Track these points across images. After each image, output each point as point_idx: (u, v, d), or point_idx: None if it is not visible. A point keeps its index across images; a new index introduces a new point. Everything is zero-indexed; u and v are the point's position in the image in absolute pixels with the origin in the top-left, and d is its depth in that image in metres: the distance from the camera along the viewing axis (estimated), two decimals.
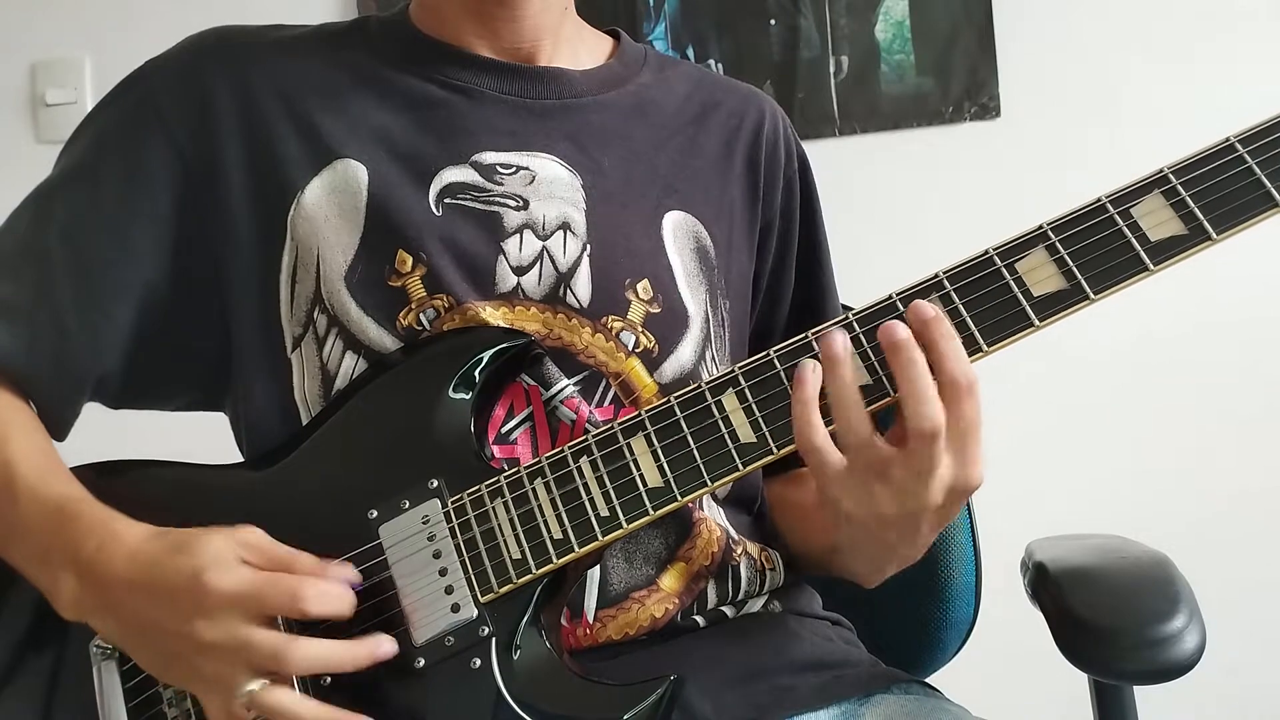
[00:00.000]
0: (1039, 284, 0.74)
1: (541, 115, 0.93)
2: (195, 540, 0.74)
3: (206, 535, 0.74)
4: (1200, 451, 1.78)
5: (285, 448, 0.86)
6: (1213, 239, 0.72)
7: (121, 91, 0.94)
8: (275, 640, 0.71)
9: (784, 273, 1.03)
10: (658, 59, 1.04)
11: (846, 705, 0.86)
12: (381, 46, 0.95)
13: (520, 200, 0.89)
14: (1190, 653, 0.86)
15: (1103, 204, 0.74)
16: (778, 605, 0.92)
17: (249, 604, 0.72)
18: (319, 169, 0.89)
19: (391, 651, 0.74)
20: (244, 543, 0.74)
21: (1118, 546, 1.01)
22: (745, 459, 0.76)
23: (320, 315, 0.87)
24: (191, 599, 0.72)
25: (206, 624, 0.72)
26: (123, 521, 0.78)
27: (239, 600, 0.71)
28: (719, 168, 0.98)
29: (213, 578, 0.72)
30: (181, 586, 0.72)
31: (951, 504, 0.75)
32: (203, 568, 0.72)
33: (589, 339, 0.87)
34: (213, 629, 0.71)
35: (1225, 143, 0.74)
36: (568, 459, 0.79)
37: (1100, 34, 1.80)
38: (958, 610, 1.13)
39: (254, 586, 0.72)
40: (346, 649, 0.73)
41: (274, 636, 0.72)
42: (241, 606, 0.71)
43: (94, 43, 1.96)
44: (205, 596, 0.71)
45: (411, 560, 0.78)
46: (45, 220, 0.90)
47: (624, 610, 0.84)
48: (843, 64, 1.84)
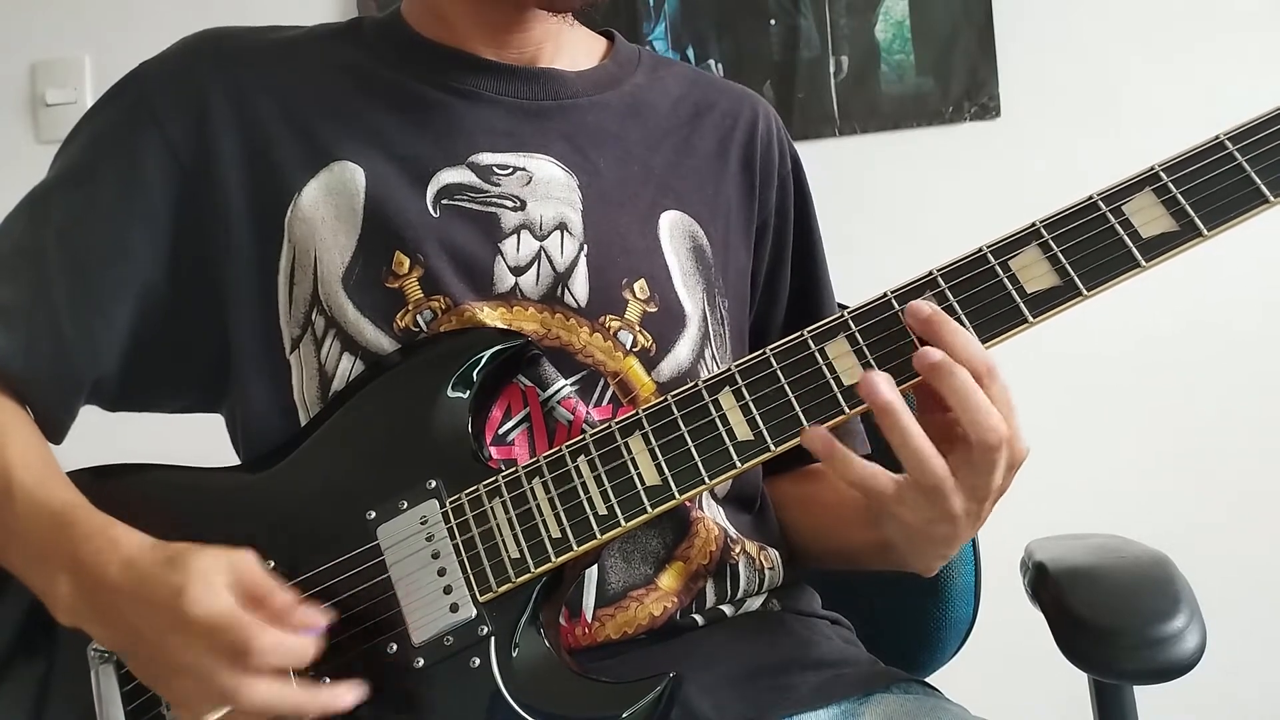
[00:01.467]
0: (1032, 281, 0.74)
1: (538, 116, 0.93)
2: (186, 556, 0.73)
3: (198, 553, 0.73)
4: (1200, 451, 1.77)
5: (283, 449, 0.86)
6: (1204, 235, 0.73)
7: (117, 93, 0.94)
8: (231, 679, 0.70)
9: (780, 271, 1.03)
10: (652, 59, 1.04)
11: (846, 704, 0.86)
12: (377, 47, 0.96)
13: (517, 201, 0.89)
14: (1191, 652, 0.86)
15: (1094, 201, 0.75)
16: (777, 604, 0.92)
17: (207, 636, 0.71)
18: (316, 170, 0.89)
19: (353, 702, 0.74)
20: (233, 565, 0.73)
21: (1118, 546, 1.01)
22: (743, 456, 0.76)
23: (318, 317, 0.87)
24: (170, 615, 0.71)
25: (179, 642, 0.71)
26: (120, 528, 0.78)
27: (201, 629, 0.71)
28: (714, 168, 0.98)
29: (192, 598, 0.71)
30: (163, 602, 0.72)
31: (1008, 480, 0.76)
32: (184, 587, 0.71)
33: (587, 339, 0.87)
34: (183, 650, 0.71)
35: (1215, 140, 0.74)
36: (565, 458, 0.79)
37: (1100, 34, 1.80)
38: (957, 610, 1.13)
39: (216, 622, 0.71)
40: (300, 696, 0.72)
41: (230, 675, 0.70)
42: (202, 636, 0.71)
43: (94, 43, 1.96)
44: (180, 615, 0.71)
45: (410, 560, 0.78)
46: (41, 222, 0.90)
47: (622, 609, 0.84)
48: (843, 64, 1.84)
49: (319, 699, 0.73)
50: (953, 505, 0.74)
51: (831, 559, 0.98)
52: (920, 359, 0.73)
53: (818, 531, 0.98)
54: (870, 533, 0.84)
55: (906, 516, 0.76)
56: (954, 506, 0.74)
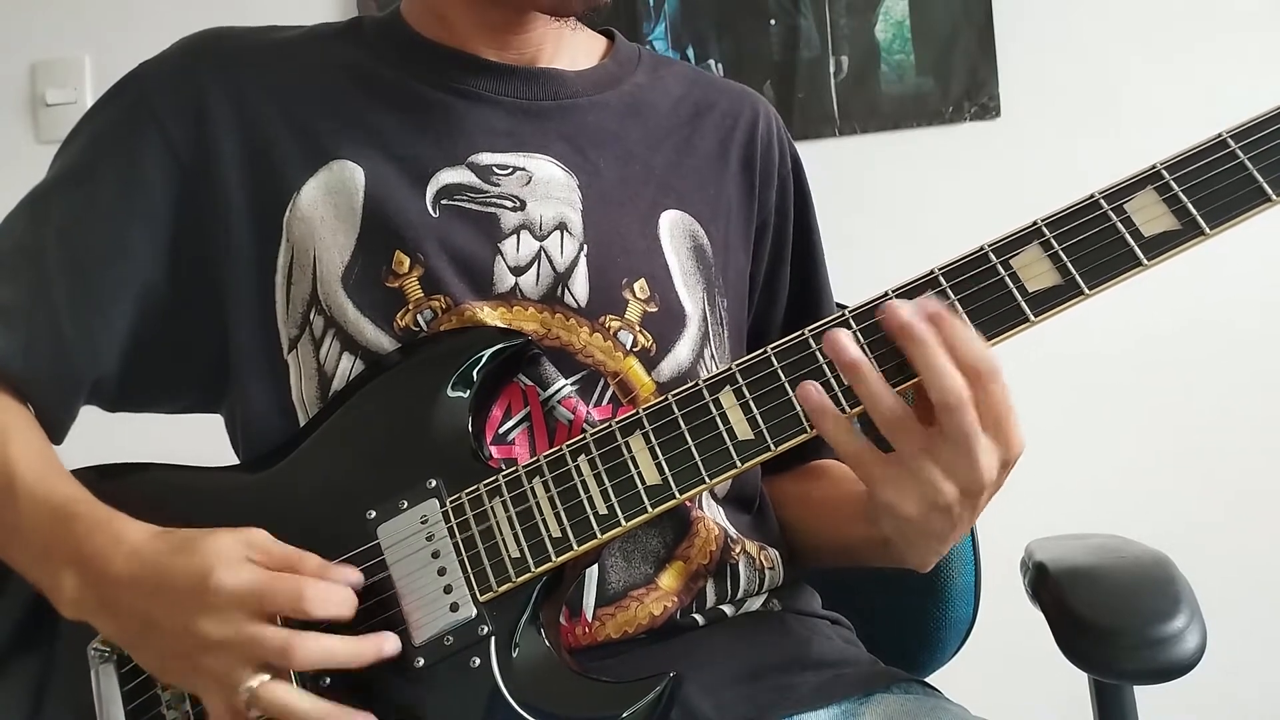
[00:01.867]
0: (1034, 280, 0.74)
1: (537, 116, 0.93)
2: (201, 540, 0.74)
3: (213, 535, 0.75)
4: (1200, 451, 1.77)
5: (283, 449, 0.86)
6: (1206, 234, 0.73)
7: (116, 93, 0.94)
8: (281, 635, 0.72)
9: (780, 271, 1.03)
10: (652, 59, 1.04)
11: (847, 704, 0.86)
12: (378, 47, 0.95)
13: (517, 201, 0.89)
14: (1191, 652, 0.86)
15: (1096, 200, 0.75)
16: (777, 604, 0.92)
17: (254, 602, 0.72)
18: (315, 169, 0.89)
19: (396, 649, 0.75)
20: (250, 542, 0.75)
21: (1118, 546, 1.01)
22: (743, 456, 0.76)
23: (317, 316, 0.87)
24: (197, 597, 0.72)
25: (212, 621, 0.72)
26: (123, 520, 0.78)
27: (245, 598, 0.72)
28: (715, 167, 0.98)
29: (220, 576, 0.72)
30: (188, 586, 0.73)
31: (1002, 476, 0.75)
32: (211, 566, 0.72)
33: (587, 338, 0.87)
34: (219, 626, 0.72)
35: (1217, 138, 0.74)
36: (566, 458, 0.79)
37: (1100, 34, 1.80)
38: (957, 610, 1.13)
39: (260, 585, 0.72)
40: (352, 645, 0.74)
41: (280, 632, 0.72)
42: (247, 605, 0.72)
43: (94, 43, 1.96)
44: (213, 594, 0.72)
45: (410, 560, 0.78)
46: (42, 222, 0.90)
47: (622, 609, 0.84)
48: (843, 64, 1.84)
49: (368, 645, 0.74)
50: (942, 492, 0.74)
51: (831, 556, 0.98)
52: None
53: (817, 528, 0.98)
54: (867, 528, 0.84)
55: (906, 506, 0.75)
56: (944, 494, 0.74)
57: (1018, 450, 0.74)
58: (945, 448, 0.73)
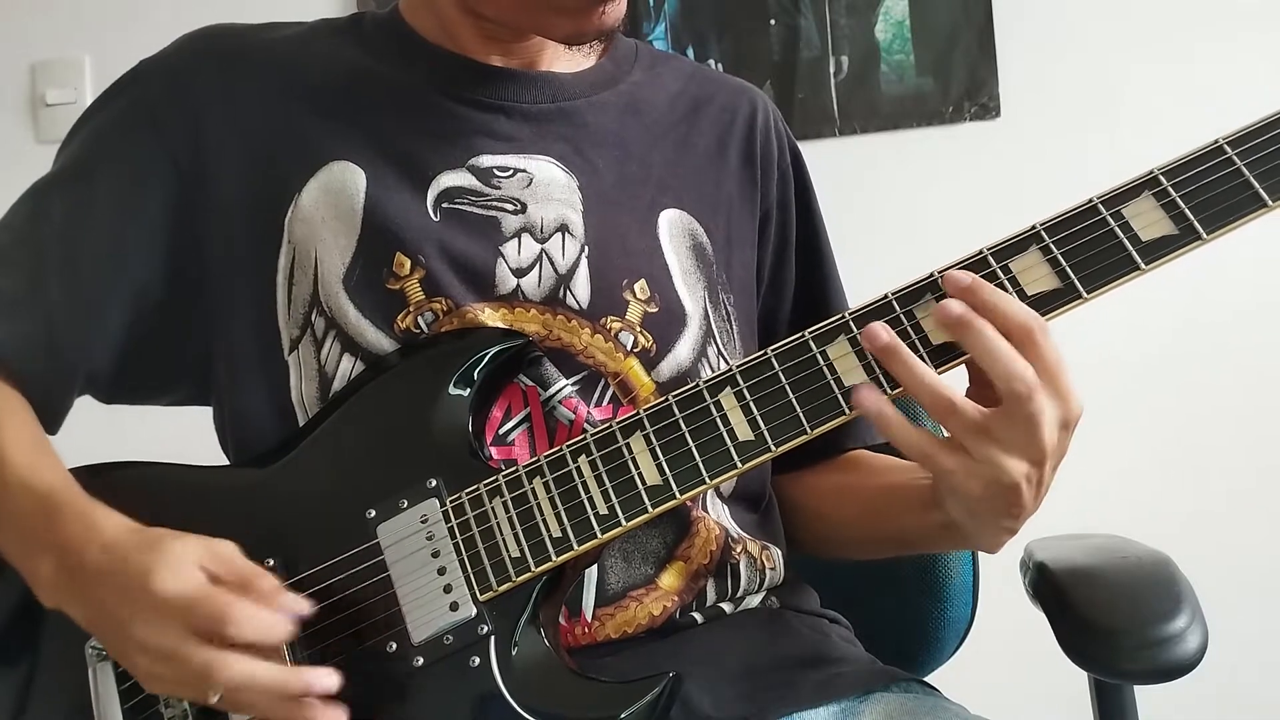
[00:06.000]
0: (1033, 283, 0.75)
1: (537, 118, 0.93)
2: (163, 541, 0.74)
3: (179, 538, 0.74)
4: (1200, 451, 1.77)
5: (283, 448, 0.86)
6: (1203, 239, 0.73)
7: (116, 92, 0.94)
8: (204, 655, 0.70)
9: (784, 264, 1.03)
10: (649, 55, 1.04)
11: (846, 703, 0.86)
12: (379, 47, 0.95)
13: (518, 204, 0.89)
14: (1193, 652, 0.86)
15: (1094, 205, 0.75)
16: (776, 602, 0.92)
17: (182, 612, 0.71)
18: (315, 170, 0.89)
19: (331, 687, 0.72)
20: (213, 552, 0.73)
21: (1118, 546, 1.01)
22: (744, 457, 0.76)
23: (318, 317, 0.87)
24: (141, 597, 0.72)
25: (144, 624, 0.71)
26: (104, 512, 0.78)
27: (176, 606, 0.71)
28: (714, 164, 0.98)
29: (160, 579, 0.71)
30: (133, 583, 0.72)
31: (1064, 441, 0.74)
32: (155, 569, 0.72)
33: (588, 339, 0.87)
34: (148, 631, 0.71)
35: (1214, 144, 0.74)
36: (566, 458, 0.79)
37: (1100, 34, 1.80)
38: (955, 609, 1.13)
39: (191, 595, 0.71)
40: (278, 674, 0.71)
41: (204, 652, 0.70)
42: (176, 614, 0.71)
43: (94, 43, 1.96)
44: (149, 596, 0.71)
45: (410, 559, 0.78)
46: (41, 216, 0.91)
47: (622, 609, 0.84)
48: (843, 64, 1.84)
49: (299, 677, 0.72)
50: (1008, 469, 0.72)
51: (876, 546, 0.97)
52: (941, 312, 0.73)
53: (858, 519, 0.97)
54: (931, 514, 0.83)
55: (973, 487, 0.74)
56: (1011, 471, 0.73)
57: (1077, 409, 0.73)
58: (1003, 426, 0.72)
